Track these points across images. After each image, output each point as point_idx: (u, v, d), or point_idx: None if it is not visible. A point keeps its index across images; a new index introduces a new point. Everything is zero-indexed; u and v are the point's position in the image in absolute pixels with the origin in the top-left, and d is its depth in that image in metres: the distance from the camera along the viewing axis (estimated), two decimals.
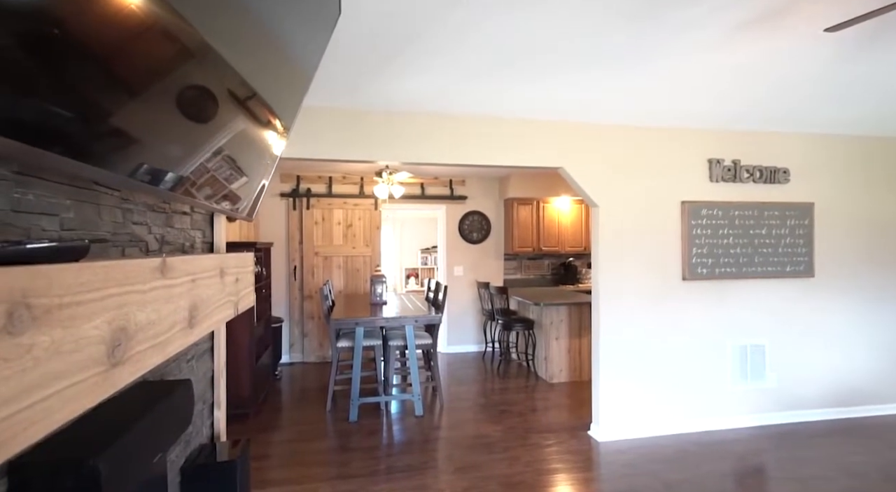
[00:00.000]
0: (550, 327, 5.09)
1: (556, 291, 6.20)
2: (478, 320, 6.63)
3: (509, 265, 6.75)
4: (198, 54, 0.96)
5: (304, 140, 3.14)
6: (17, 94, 0.61)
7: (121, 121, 0.86)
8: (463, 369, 5.64)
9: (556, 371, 5.08)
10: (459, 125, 3.37)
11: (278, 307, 6.00)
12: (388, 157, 3.29)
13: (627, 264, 3.61)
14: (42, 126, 0.67)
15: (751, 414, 3.77)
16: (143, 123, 0.93)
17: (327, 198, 6.10)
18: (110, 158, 0.87)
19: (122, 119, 0.86)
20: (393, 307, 4.58)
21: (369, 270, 6.18)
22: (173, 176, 1.13)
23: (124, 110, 0.86)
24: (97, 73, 0.74)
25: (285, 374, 5.58)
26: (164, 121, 1.01)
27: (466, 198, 6.58)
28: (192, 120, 1.12)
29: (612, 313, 3.59)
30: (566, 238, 6.55)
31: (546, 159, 3.52)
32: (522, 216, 6.43)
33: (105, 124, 0.83)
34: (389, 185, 4.84)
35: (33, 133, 0.65)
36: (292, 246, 6.02)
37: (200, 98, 1.11)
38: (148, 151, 0.99)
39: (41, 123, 0.66)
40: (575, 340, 5.13)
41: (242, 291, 1.78)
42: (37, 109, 0.65)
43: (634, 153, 3.64)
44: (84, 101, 0.75)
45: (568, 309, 5.11)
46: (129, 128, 0.89)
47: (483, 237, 6.64)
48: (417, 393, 4.06)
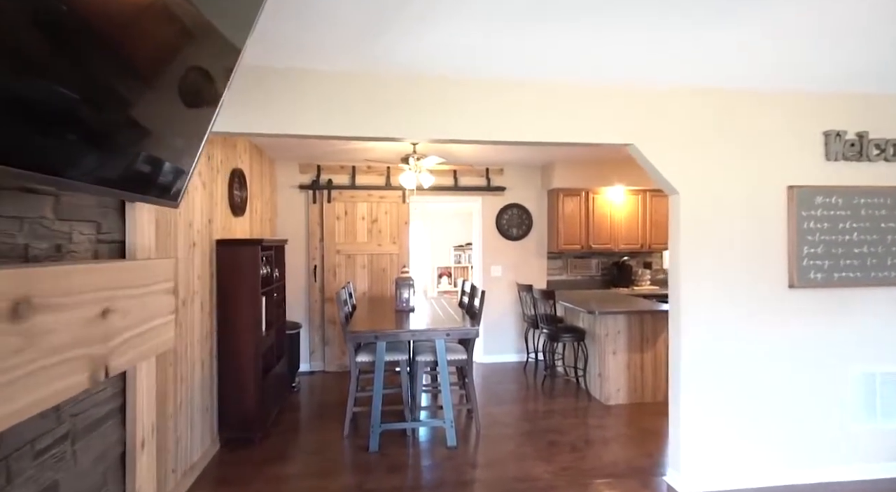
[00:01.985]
0: (606, 339, 4.32)
1: (608, 295, 5.40)
2: (518, 327, 5.91)
3: (553, 265, 5.99)
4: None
5: (302, 111, 2.51)
6: None
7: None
8: (502, 384, 4.94)
9: (612, 391, 4.32)
10: (498, 92, 2.67)
11: (296, 311, 5.46)
12: (408, 132, 2.62)
13: (716, 267, 2.83)
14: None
15: (880, 463, 2.92)
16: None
17: (350, 190, 5.50)
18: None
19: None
20: (422, 316, 3.93)
21: (396, 271, 5.55)
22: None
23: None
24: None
25: (304, 384, 5.03)
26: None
27: (505, 189, 5.86)
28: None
29: (695, 329, 2.82)
30: (619, 234, 5.74)
31: (611, 134, 2.77)
32: (569, 209, 5.66)
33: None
34: (417, 173, 4.18)
35: None
36: (312, 243, 5.46)
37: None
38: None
39: None
40: (636, 354, 4.35)
41: (137, 329, 1.14)
42: None
43: (726, 125, 2.84)
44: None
45: (627, 318, 4.33)
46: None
47: (523, 233, 5.90)
48: (450, 420, 3.40)
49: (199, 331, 3.15)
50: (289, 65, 2.47)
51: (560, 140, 2.75)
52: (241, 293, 3.49)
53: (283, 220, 5.46)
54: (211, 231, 3.37)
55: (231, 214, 3.82)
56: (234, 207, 3.82)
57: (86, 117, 0.94)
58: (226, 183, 3.70)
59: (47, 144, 0.85)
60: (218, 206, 3.52)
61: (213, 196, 3.42)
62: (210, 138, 3.44)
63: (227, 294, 3.48)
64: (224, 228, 3.66)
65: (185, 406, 2.89)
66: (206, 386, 3.27)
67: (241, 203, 4.03)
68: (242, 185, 4.04)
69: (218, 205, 3.52)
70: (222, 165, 3.60)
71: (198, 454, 3.11)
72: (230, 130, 2.46)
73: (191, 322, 2.99)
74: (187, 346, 2.93)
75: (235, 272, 3.48)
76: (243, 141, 4.13)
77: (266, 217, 4.95)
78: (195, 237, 3.07)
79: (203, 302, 3.22)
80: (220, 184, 3.58)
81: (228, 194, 3.75)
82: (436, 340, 3.34)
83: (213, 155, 3.39)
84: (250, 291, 3.50)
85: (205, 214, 3.25)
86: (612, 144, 2.83)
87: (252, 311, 3.51)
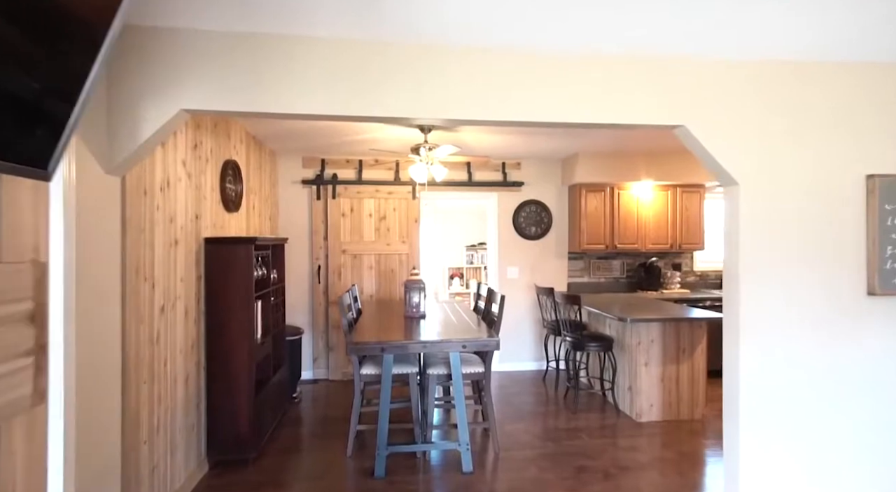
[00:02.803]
0: (638, 349, 3.89)
1: (635, 299, 4.97)
2: (536, 332, 5.49)
3: (574, 266, 5.56)
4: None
5: (295, 86, 2.12)
6: None
7: None
8: (520, 396, 4.54)
9: (645, 406, 3.89)
10: (528, 65, 2.26)
11: (299, 315, 5.10)
12: (422, 110, 2.23)
13: (781, 272, 2.40)
14: None
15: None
16: None
17: (356, 185, 5.13)
18: None
19: None
20: (434, 323, 3.53)
21: (406, 272, 5.17)
22: None
23: None
24: None
25: (306, 394, 4.66)
26: None
27: (522, 184, 5.44)
28: None
29: (756, 343, 2.39)
30: (647, 233, 5.30)
31: (658, 114, 2.35)
32: (592, 206, 5.23)
33: None
34: (429, 165, 3.79)
35: None
36: (316, 242, 5.09)
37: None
38: None
39: None
40: (671, 366, 3.91)
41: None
42: None
43: (794, 103, 2.41)
44: None
45: (662, 327, 3.90)
46: None
47: (542, 232, 5.48)
48: (465, 442, 3.00)
49: (183, 341, 2.78)
50: (281, 31, 2.09)
51: (598, 121, 2.34)
52: (232, 297, 3.12)
53: (285, 217, 5.10)
54: (198, 228, 3.01)
55: (224, 209, 3.46)
56: (227, 202, 3.46)
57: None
58: (217, 175, 3.33)
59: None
60: (207, 200, 3.16)
61: (201, 189, 3.06)
62: (197, 122, 3.08)
63: (216, 299, 3.12)
64: (215, 224, 3.30)
65: (163, 428, 2.53)
66: (192, 402, 2.91)
67: (236, 198, 3.67)
68: (237, 178, 3.68)
69: (207, 199, 3.16)
70: (213, 155, 3.24)
71: (181, 480, 2.75)
72: (206, 108, 2.08)
73: (171, 331, 2.63)
74: (167, 359, 2.57)
75: (226, 274, 3.12)
76: (238, 129, 3.77)
77: (266, 214, 4.59)
78: (177, 234, 2.70)
79: (188, 308, 2.85)
80: (211, 176, 3.21)
81: (220, 188, 3.38)
82: (450, 353, 2.94)
83: (200, 143, 3.02)
84: (243, 294, 3.14)
85: (191, 209, 2.88)
86: (658, 127, 2.41)
87: (245, 317, 3.14)
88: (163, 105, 2.05)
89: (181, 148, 2.75)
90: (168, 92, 2.05)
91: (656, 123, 2.36)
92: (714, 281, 5.73)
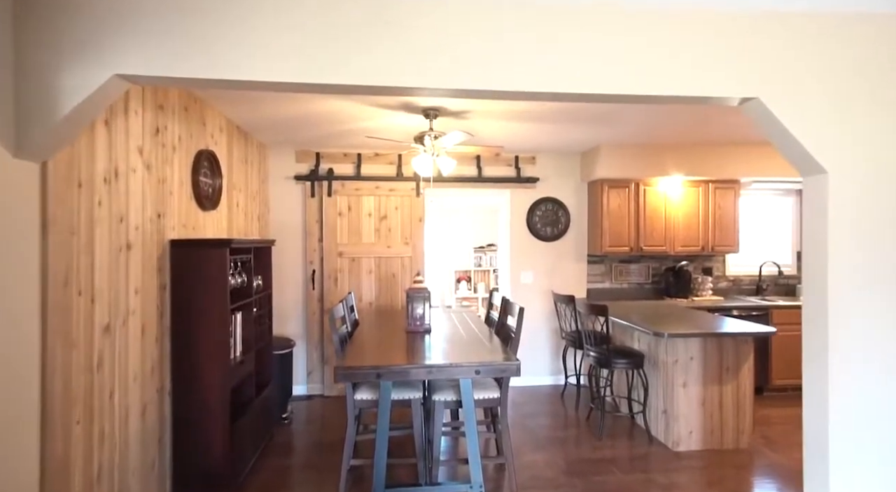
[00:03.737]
0: (674, 368, 3.39)
1: (664, 308, 4.45)
2: (553, 344, 4.99)
3: (594, 270, 5.06)
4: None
5: (252, 50, 1.65)
6: None
7: None
8: (537, 418, 4.04)
9: (683, 433, 3.38)
10: (554, 21, 1.78)
11: (292, 324, 4.63)
12: (428, 79, 1.74)
13: (882, 278, 1.89)
14: None
15: None
16: None
17: (355, 181, 4.65)
18: None
19: None
20: (440, 339, 3.04)
21: (409, 276, 4.68)
22: None
23: None
24: None
25: (299, 413, 4.19)
26: None
27: (538, 180, 4.94)
28: None
29: (852, 373, 1.88)
30: (676, 234, 4.78)
31: (724, 84, 1.86)
32: (615, 204, 4.73)
33: None
34: (434, 156, 3.30)
35: None
36: (310, 244, 4.62)
37: None
38: None
39: None
40: (713, 387, 3.40)
41: None
42: None
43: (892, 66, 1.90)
44: None
45: (702, 343, 3.39)
46: None
47: (559, 233, 4.98)
48: (478, 484, 2.51)
49: (139, 364, 2.31)
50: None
51: (646, 93, 1.84)
52: (203, 310, 2.65)
53: (276, 217, 4.64)
54: (162, 229, 2.54)
55: (198, 207, 2.99)
56: (201, 199, 2.99)
57: None
58: (188, 167, 2.87)
59: None
60: (175, 196, 2.69)
61: (167, 183, 2.59)
62: (159, 103, 2.43)
63: (184, 312, 2.65)
64: (186, 224, 2.83)
65: (107, 474, 2.06)
66: (151, 436, 2.44)
67: (213, 194, 3.20)
68: (214, 171, 3.21)
69: (175, 195, 2.69)
70: (182, 143, 2.77)
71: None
72: (148, 74, 1.61)
73: (122, 354, 2.16)
74: (114, 389, 2.10)
75: (196, 283, 2.65)
76: (216, 116, 3.30)
77: (253, 213, 4.13)
78: (130, 236, 2.24)
79: (147, 324, 2.38)
80: (179, 168, 2.75)
81: (193, 182, 2.92)
82: (461, 380, 2.45)
83: (164, 128, 2.56)
84: (217, 306, 2.67)
85: (150, 206, 2.42)
86: (724, 99, 1.91)
87: (219, 332, 2.67)
88: (90, 70, 1.59)
89: (136, 132, 2.28)
90: (98, 53, 1.59)
91: (723, 94, 1.87)
92: (748, 287, 5.20)
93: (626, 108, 3.34)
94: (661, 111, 3.43)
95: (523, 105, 3.21)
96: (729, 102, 1.94)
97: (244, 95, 3.04)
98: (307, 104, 3.21)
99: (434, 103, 3.17)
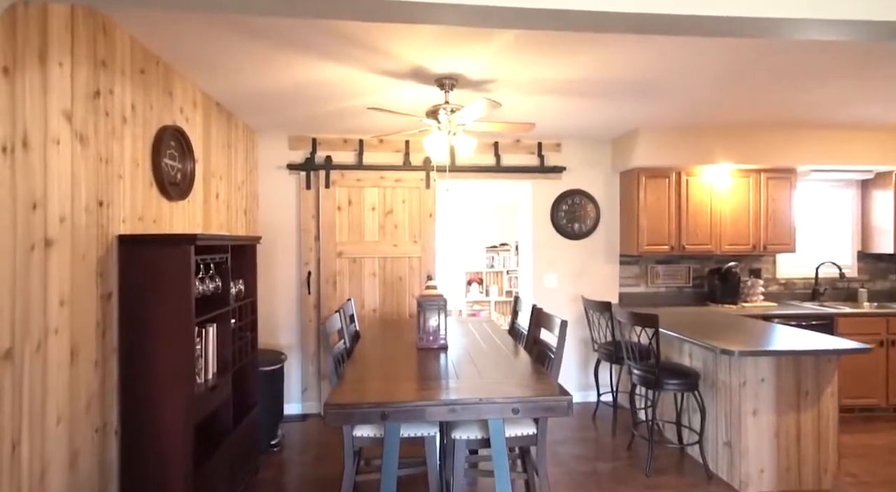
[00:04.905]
0: (742, 392, 2.79)
1: (711, 316, 3.85)
2: (582, 355, 4.40)
3: (627, 272, 4.46)
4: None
5: None
6: None
7: None
8: (569, 446, 3.45)
9: (752, 471, 2.78)
10: None
11: (283, 335, 4.07)
12: None
13: None
14: None
15: None
16: None
17: (356, 170, 4.08)
18: None
19: None
20: (461, 360, 2.46)
21: (418, 280, 4.11)
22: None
23: None
24: None
25: (292, 436, 3.62)
26: None
27: (564, 170, 4.35)
28: None
29: None
30: (723, 231, 4.19)
31: None
32: (653, 197, 4.13)
33: None
34: (451, 134, 2.72)
35: None
36: (305, 242, 4.06)
37: None
38: None
39: None
40: (789, 416, 2.80)
41: None
42: None
43: None
44: None
45: (777, 363, 2.79)
46: None
47: (588, 230, 4.39)
48: None
49: (68, 400, 1.75)
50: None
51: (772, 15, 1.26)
52: (160, 325, 2.09)
53: (267, 211, 4.07)
54: (105, 221, 1.97)
55: (161, 195, 2.43)
56: (165, 186, 2.43)
57: None
58: (146, 145, 2.30)
59: None
60: (126, 180, 2.13)
61: (113, 163, 2.03)
62: (101, 58, 1.71)
63: (135, 327, 2.09)
64: (144, 217, 2.27)
65: None
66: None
67: (183, 181, 2.64)
68: (185, 153, 2.64)
69: (126, 179, 2.13)
70: (137, 115, 2.21)
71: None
72: None
73: (32, 389, 1.59)
74: (20, 438, 1.53)
75: (150, 290, 2.08)
76: (188, 87, 2.74)
77: (238, 207, 3.57)
78: (52, 230, 1.67)
79: (78, 346, 1.82)
80: (133, 145, 2.18)
81: (153, 165, 2.35)
82: (491, 421, 1.86)
83: (109, 92, 1.99)
84: (177, 319, 2.10)
85: (87, 191, 1.85)
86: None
87: (181, 352, 2.11)
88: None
89: (60, 91, 1.71)
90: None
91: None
92: (802, 291, 4.59)
93: (675, 79, 2.75)
94: (719, 82, 2.83)
95: (554, 75, 2.63)
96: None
97: (219, 62, 2.47)
98: (297, 72, 2.64)
99: (451, 70, 2.59)
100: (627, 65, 2.55)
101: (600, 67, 2.58)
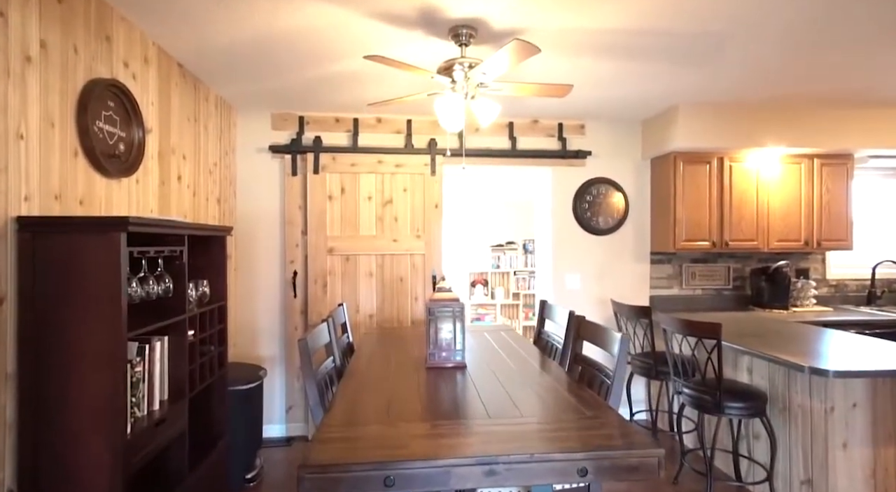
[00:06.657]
0: (828, 420, 2.24)
1: (761, 322, 3.31)
2: None
3: (659, 272, 3.92)
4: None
5: None
6: None
7: None
8: None
9: None
10: None
11: (264, 345, 3.49)
12: None
13: None
14: None
15: None
16: None
17: (350, 154, 3.51)
18: None
19: None
20: (489, 390, 1.89)
21: (421, 281, 3.54)
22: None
23: None
24: None
25: (274, 464, 3.05)
26: None
27: (588, 155, 3.80)
28: None
29: None
30: (772, 225, 3.65)
31: None
32: (692, 186, 3.59)
33: None
34: (469, 97, 2.16)
35: None
36: (290, 237, 3.48)
37: None
38: None
39: None
40: (889, 450, 2.26)
41: None
42: None
43: None
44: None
45: (872, 384, 2.25)
46: None
47: (615, 224, 3.84)
48: None
49: None
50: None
51: None
52: (76, 341, 1.52)
53: (248, 199, 3.50)
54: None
55: (93, 169, 1.86)
56: (96, 156, 1.85)
57: None
58: (68, 101, 1.73)
59: None
60: (33, 143, 1.56)
61: (10, 117, 1.46)
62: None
63: (39, 347, 1.51)
64: (64, 196, 1.70)
65: None
66: None
67: (126, 154, 2.06)
68: (129, 118, 2.07)
69: (33, 142, 1.56)
70: (49, 58, 1.64)
71: None
72: None
73: None
74: None
75: (64, 292, 1.51)
76: (136, 36, 2.16)
77: (210, 193, 2.99)
78: None
79: None
80: (44, 97, 1.61)
81: (80, 128, 1.78)
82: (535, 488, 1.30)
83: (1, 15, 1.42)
84: (100, 333, 1.53)
85: None
86: None
87: (105, 378, 1.53)
88: None
89: None
90: None
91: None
92: (855, 294, 4.06)
93: (738, 31, 2.20)
94: (787, 39, 2.29)
95: (597, 23, 2.07)
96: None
97: (178, 4, 1.91)
98: (277, 17, 2.07)
99: (469, 13, 2.04)
100: (687, 7, 2.00)
101: (657, 8, 2.03)
